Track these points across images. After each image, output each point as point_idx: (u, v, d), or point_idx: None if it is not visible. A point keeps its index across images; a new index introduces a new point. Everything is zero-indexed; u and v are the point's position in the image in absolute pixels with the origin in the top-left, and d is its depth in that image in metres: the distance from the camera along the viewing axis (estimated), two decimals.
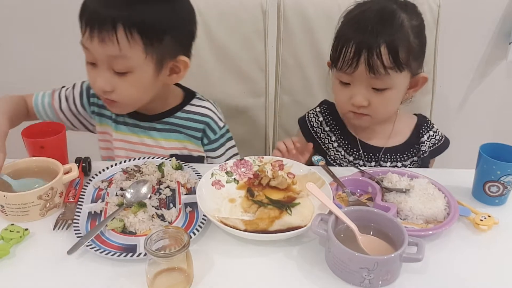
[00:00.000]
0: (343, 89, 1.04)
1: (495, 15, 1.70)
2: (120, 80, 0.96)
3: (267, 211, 0.87)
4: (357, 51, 0.96)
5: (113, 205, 0.88)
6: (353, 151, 1.13)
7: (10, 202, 0.84)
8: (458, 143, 1.92)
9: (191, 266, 0.72)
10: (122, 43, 0.91)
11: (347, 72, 1.00)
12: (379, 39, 0.96)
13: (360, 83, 1.00)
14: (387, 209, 0.85)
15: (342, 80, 1.03)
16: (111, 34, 0.90)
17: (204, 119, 1.12)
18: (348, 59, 0.98)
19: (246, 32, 1.33)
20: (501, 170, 0.89)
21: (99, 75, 0.96)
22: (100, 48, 0.91)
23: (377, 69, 0.96)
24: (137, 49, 0.93)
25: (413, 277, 0.74)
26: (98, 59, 0.94)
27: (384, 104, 1.03)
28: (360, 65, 0.97)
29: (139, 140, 1.13)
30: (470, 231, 0.86)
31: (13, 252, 0.78)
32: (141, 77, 0.97)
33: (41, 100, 1.13)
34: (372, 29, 0.96)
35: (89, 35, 0.91)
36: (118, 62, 0.94)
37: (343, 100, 1.05)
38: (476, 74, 1.82)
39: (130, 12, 0.90)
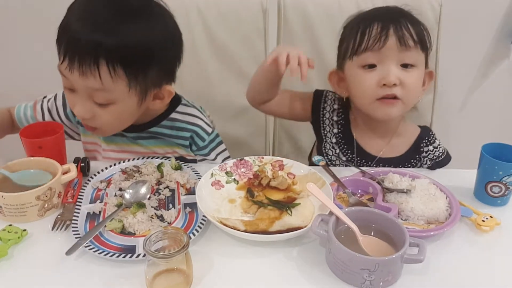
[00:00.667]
0: (368, 74, 0.99)
1: (497, 14, 1.70)
2: (101, 110, 0.91)
3: (267, 211, 0.86)
4: (385, 25, 0.97)
5: (112, 206, 0.87)
6: (348, 153, 1.12)
7: (8, 203, 0.83)
8: (459, 143, 1.92)
9: (191, 267, 0.71)
10: (104, 78, 0.85)
11: (374, 49, 0.97)
12: (403, 18, 0.98)
13: (390, 60, 0.97)
14: (388, 209, 0.84)
15: (367, 62, 0.99)
16: (93, 69, 0.83)
17: (191, 127, 1.07)
18: (376, 35, 0.96)
19: (246, 31, 1.33)
20: (503, 170, 0.89)
21: (78, 103, 0.90)
22: (80, 80, 0.86)
23: (407, 40, 0.96)
24: (120, 83, 0.88)
25: (415, 278, 0.74)
26: (77, 88, 0.89)
27: (413, 83, 1.00)
28: (390, 37, 0.96)
29: (130, 148, 1.10)
30: (472, 232, 0.86)
31: (11, 253, 0.77)
32: (123, 108, 0.93)
33: (23, 112, 1.10)
34: (393, 12, 1.00)
35: (68, 65, 0.84)
36: (100, 95, 0.88)
37: (371, 86, 0.99)
38: (478, 73, 1.82)
39: (113, 44, 0.83)
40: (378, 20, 0.98)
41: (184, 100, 1.11)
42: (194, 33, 1.34)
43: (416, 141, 1.12)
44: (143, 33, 0.86)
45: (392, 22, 0.97)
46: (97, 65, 0.83)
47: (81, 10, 0.86)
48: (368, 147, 1.12)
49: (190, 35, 1.33)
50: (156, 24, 0.89)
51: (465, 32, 1.68)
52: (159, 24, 0.90)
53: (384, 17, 0.99)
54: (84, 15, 0.85)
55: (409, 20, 0.99)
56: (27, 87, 1.18)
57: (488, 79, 1.83)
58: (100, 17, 0.84)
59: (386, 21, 0.97)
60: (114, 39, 0.83)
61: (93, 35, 0.82)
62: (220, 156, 1.13)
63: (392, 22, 0.97)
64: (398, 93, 0.98)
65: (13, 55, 1.75)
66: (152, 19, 0.88)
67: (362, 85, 1.01)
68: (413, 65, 1.00)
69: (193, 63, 1.37)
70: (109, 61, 0.83)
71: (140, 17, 0.87)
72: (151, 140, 1.09)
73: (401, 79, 0.98)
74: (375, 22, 0.98)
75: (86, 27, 0.83)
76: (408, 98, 1.01)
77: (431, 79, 1.08)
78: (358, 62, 1.00)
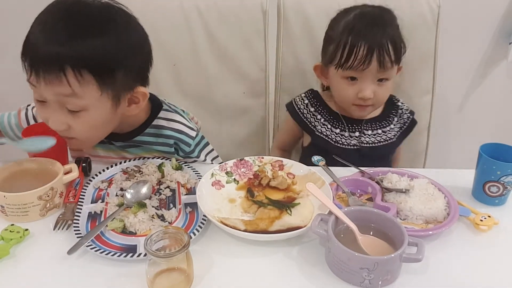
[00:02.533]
0: (350, 85, 1.13)
1: (495, 15, 1.70)
2: (74, 119, 0.88)
3: (267, 211, 0.87)
4: (370, 50, 1.07)
5: (113, 206, 0.88)
6: (339, 124, 1.23)
7: (10, 203, 0.84)
8: (458, 143, 1.93)
9: (191, 266, 0.72)
10: (72, 83, 0.83)
11: (358, 69, 1.09)
12: (385, 38, 1.08)
13: (368, 77, 1.11)
14: (387, 209, 0.85)
15: (349, 75, 1.12)
16: (60, 75, 0.82)
17: (174, 134, 1.05)
18: (361, 58, 1.07)
19: (246, 32, 1.34)
20: (501, 170, 0.89)
21: (51, 115, 0.88)
22: (50, 88, 0.84)
23: (386, 64, 1.09)
24: (91, 88, 0.85)
25: (413, 277, 0.74)
26: (48, 98, 0.86)
27: (386, 93, 1.17)
28: (373, 61, 1.08)
29: (117, 155, 1.10)
30: (470, 231, 0.86)
31: (13, 253, 0.78)
32: (97, 114, 0.90)
33: (8, 121, 1.09)
34: (377, 30, 1.08)
35: (34, 77, 0.83)
36: (71, 101, 0.86)
37: (350, 95, 1.14)
38: (476, 74, 1.82)
39: (75, 51, 0.81)
40: (365, 39, 1.07)
41: (166, 106, 1.09)
42: (194, 34, 1.34)
43: (387, 100, 1.25)
44: (103, 42, 0.84)
45: (376, 45, 1.07)
46: (63, 71, 0.81)
47: (42, 24, 0.85)
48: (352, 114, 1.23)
49: (190, 36, 1.34)
50: (117, 32, 0.87)
51: (463, 33, 1.69)
52: (121, 31, 0.88)
53: (370, 36, 1.07)
54: (44, 27, 0.84)
55: (391, 39, 1.09)
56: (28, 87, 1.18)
57: (486, 79, 1.83)
58: (60, 29, 0.83)
59: (373, 43, 1.07)
60: (75, 48, 0.82)
61: (54, 45, 0.81)
62: (209, 156, 1.13)
63: (376, 46, 1.07)
64: (370, 102, 1.16)
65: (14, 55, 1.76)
66: (113, 28, 0.87)
67: (343, 93, 1.16)
68: (388, 79, 1.14)
69: (193, 64, 1.37)
70: (74, 67, 0.82)
71: (99, 27, 0.85)
72: (138, 148, 1.08)
73: (375, 92, 1.13)
74: (362, 42, 1.07)
75: (47, 38, 0.82)
76: (379, 102, 1.19)
77: (399, 71, 1.20)
78: (342, 74, 1.13)
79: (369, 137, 1.22)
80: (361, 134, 1.22)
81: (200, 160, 1.11)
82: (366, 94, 1.11)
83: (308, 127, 1.25)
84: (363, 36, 1.07)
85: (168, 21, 1.31)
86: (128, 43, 0.89)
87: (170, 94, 1.39)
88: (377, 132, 1.24)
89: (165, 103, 1.10)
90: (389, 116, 1.27)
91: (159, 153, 1.08)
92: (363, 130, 1.22)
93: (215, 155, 1.16)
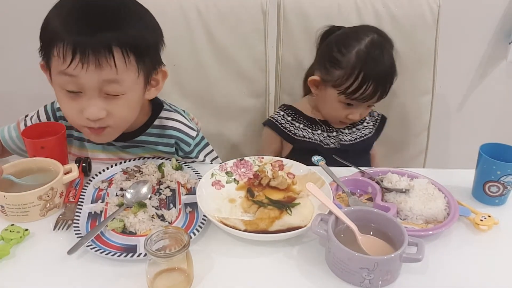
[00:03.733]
0: (345, 109, 1.21)
1: (495, 15, 1.70)
2: (112, 104, 0.91)
3: (267, 211, 0.87)
4: (375, 90, 1.15)
5: (113, 205, 0.88)
6: (317, 127, 1.29)
7: (10, 203, 0.84)
8: (458, 143, 1.93)
9: (191, 267, 0.72)
10: (119, 66, 0.86)
11: (360, 101, 1.17)
12: (389, 78, 1.17)
13: (363, 108, 1.21)
14: (387, 209, 0.85)
15: (348, 102, 1.19)
16: (109, 57, 0.84)
17: (175, 133, 1.06)
18: (367, 95, 1.15)
19: (246, 32, 1.34)
20: (501, 170, 0.89)
21: (89, 103, 0.89)
22: (95, 74, 0.85)
23: (383, 97, 1.19)
24: (131, 70, 0.89)
25: (413, 277, 0.74)
26: (87, 86, 0.87)
27: (368, 111, 1.27)
28: (374, 97, 1.17)
29: (116, 156, 1.10)
30: (470, 231, 0.86)
31: (13, 253, 0.78)
32: (133, 98, 0.94)
33: (8, 134, 1.08)
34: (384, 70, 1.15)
35: (80, 62, 0.84)
36: (113, 86, 0.88)
37: (342, 115, 1.22)
38: (476, 74, 1.82)
39: (124, 34, 0.86)
40: (374, 80, 1.13)
41: (166, 105, 1.11)
42: (194, 34, 1.34)
43: None
44: (139, 24, 0.90)
45: (381, 86, 1.15)
46: (112, 54, 0.85)
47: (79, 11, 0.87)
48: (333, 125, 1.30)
49: (190, 35, 1.34)
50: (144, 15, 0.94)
51: (463, 33, 1.69)
52: (145, 13, 0.94)
53: (379, 77, 1.14)
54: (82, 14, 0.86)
55: (391, 78, 1.17)
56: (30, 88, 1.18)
57: (486, 79, 1.83)
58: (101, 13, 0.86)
59: (379, 83, 1.14)
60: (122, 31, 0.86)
61: (101, 30, 0.84)
62: (208, 157, 1.13)
63: (381, 86, 1.15)
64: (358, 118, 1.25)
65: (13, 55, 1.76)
66: (142, 10, 0.93)
67: (334, 113, 1.24)
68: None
69: (193, 64, 1.37)
70: (122, 47, 0.86)
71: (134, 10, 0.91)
72: (138, 149, 1.08)
73: (362, 114, 1.24)
74: (371, 81, 1.13)
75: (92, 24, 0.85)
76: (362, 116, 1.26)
77: None
78: (342, 99, 1.18)
79: (346, 135, 1.29)
80: (339, 133, 1.28)
81: (199, 160, 1.11)
82: (356, 118, 1.22)
83: (288, 136, 1.27)
84: (373, 76, 1.13)
85: (168, 21, 1.31)
86: (152, 24, 0.94)
87: (170, 94, 1.39)
88: (352, 130, 1.31)
89: (165, 103, 1.11)
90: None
91: (160, 153, 1.09)
92: (340, 129, 1.29)
93: (215, 155, 1.15)
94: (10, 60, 1.77)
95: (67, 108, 0.93)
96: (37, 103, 1.13)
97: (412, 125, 1.46)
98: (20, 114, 1.12)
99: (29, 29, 0.89)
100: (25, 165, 0.94)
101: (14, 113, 1.16)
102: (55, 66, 0.87)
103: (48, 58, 0.89)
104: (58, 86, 0.90)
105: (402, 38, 1.30)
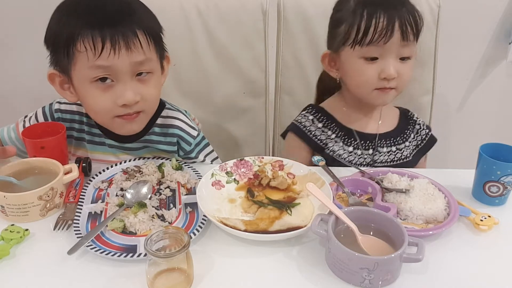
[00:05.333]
0: (369, 66, 1.02)
1: (495, 15, 1.70)
2: (143, 87, 0.95)
3: (267, 211, 0.87)
4: (390, 19, 0.98)
5: (113, 206, 0.88)
6: (351, 141, 1.15)
7: (10, 203, 0.84)
8: (458, 143, 1.93)
9: (191, 267, 0.72)
10: (145, 47, 0.92)
11: (379, 44, 0.99)
12: (404, 6, 1.00)
13: (390, 54, 1.01)
14: (387, 209, 0.85)
15: (370, 55, 1.02)
16: (136, 40, 0.90)
17: (177, 131, 1.08)
18: (382, 29, 0.97)
19: (246, 32, 1.34)
20: (501, 170, 0.89)
21: (126, 88, 0.92)
22: (127, 57, 0.89)
23: (408, 36, 1.00)
24: (153, 51, 0.95)
25: (413, 277, 0.74)
26: (120, 72, 0.91)
27: (408, 74, 1.06)
28: (395, 32, 0.98)
29: (117, 158, 1.10)
30: (470, 231, 0.86)
31: (13, 253, 0.78)
32: (158, 77, 0.99)
33: (8, 135, 1.10)
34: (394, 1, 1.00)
35: (111, 49, 0.88)
36: (143, 66, 0.93)
37: (371, 77, 1.03)
38: (476, 74, 1.82)
39: (144, 19, 0.93)
40: (383, 9, 0.98)
41: (168, 104, 1.12)
42: (194, 34, 1.34)
43: (401, 114, 1.22)
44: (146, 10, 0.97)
45: (396, 13, 0.98)
46: (138, 36, 0.90)
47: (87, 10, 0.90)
48: (365, 129, 1.16)
49: (190, 36, 1.34)
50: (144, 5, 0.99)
51: (463, 33, 1.69)
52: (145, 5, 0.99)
53: (389, 6, 0.99)
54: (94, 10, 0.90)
55: (409, 10, 1.00)
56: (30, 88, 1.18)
57: (486, 79, 1.83)
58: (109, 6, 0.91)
59: (391, 11, 0.98)
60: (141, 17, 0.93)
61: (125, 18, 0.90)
62: (209, 158, 1.13)
63: (396, 14, 0.98)
64: (394, 85, 1.04)
65: (14, 55, 1.76)
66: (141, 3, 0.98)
67: (362, 76, 1.04)
68: (409, 57, 1.04)
69: (193, 64, 1.37)
70: (144, 30, 0.91)
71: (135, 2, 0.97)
72: (140, 151, 1.09)
73: (399, 72, 1.03)
74: (380, 12, 0.98)
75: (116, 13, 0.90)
76: (402, 87, 1.07)
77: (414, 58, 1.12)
78: (360, 53, 1.02)
79: (383, 155, 1.14)
80: (375, 152, 1.13)
81: (199, 161, 1.11)
82: (390, 72, 1.00)
83: (318, 146, 1.14)
84: (381, 5, 0.98)
85: (168, 21, 1.30)
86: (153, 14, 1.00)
87: (170, 94, 1.39)
88: (391, 149, 1.15)
89: (167, 103, 1.12)
90: (404, 132, 1.19)
91: (161, 153, 1.09)
92: (377, 147, 1.14)
93: (215, 156, 1.15)
94: (10, 60, 1.77)
95: (99, 102, 0.94)
96: (37, 103, 1.14)
97: None
98: (20, 115, 1.12)
99: (29, 29, 0.89)
100: (25, 165, 0.94)
101: (14, 113, 1.16)
102: (83, 62, 0.89)
103: (68, 58, 0.90)
104: (87, 81, 0.92)
105: None
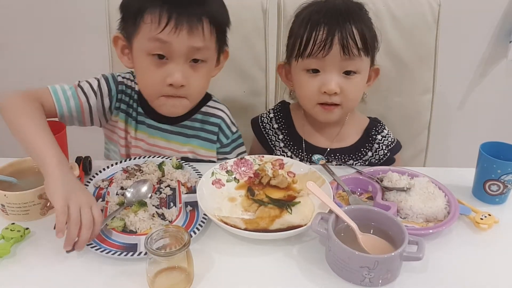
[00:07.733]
0: (311, 79, 1.01)
1: (495, 14, 1.70)
2: (194, 74, 0.97)
3: (268, 210, 0.87)
4: (330, 32, 0.96)
5: (114, 204, 0.88)
6: (299, 152, 1.14)
7: (10, 202, 0.84)
8: (458, 141, 1.93)
9: (192, 265, 0.72)
10: (206, 35, 0.94)
11: (318, 56, 0.97)
12: (349, 22, 0.97)
13: (332, 67, 0.98)
14: (387, 208, 0.85)
15: (310, 67, 1.00)
16: (199, 26, 0.92)
17: (219, 121, 1.12)
18: (321, 41, 0.96)
19: (246, 31, 1.33)
20: (501, 169, 0.89)
21: (177, 69, 0.95)
22: (186, 39, 0.92)
23: (351, 49, 0.96)
24: (213, 41, 0.97)
25: (414, 275, 0.74)
26: (176, 52, 0.94)
27: (354, 91, 1.02)
28: (334, 46, 0.96)
29: (153, 142, 1.11)
30: (471, 230, 0.86)
31: (13, 251, 0.78)
32: (209, 69, 1.02)
33: (66, 104, 1.01)
34: (340, 14, 0.98)
35: (174, 27, 0.91)
36: (200, 53, 0.96)
37: (313, 91, 1.01)
38: (476, 73, 1.82)
39: (208, 7, 0.95)
40: (325, 23, 0.97)
41: (215, 98, 1.17)
42: None
43: (366, 131, 1.15)
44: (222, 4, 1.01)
45: (338, 27, 0.96)
46: (202, 23, 0.93)
47: None
48: (317, 141, 1.14)
49: None
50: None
51: (464, 32, 1.69)
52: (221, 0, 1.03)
53: (331, 20, 0.97)
54: None
55: (356, 24, 0.97)
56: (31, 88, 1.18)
57: (486, 78, 1.83)
58: None
59: (333, 25, 0.96)
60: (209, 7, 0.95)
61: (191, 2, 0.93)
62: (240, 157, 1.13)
63: (338, 28, 0.96)
64: (337, 101, 1.01)
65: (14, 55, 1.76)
66: None
67: (304, 89, 1.04)
68: (356, 72, 1.00)
69: None
70: (210, 19, 0.94)
71: None
72: (180, 136, 1.11)
73: (342, 87, 1.00)
74: (321, 26, 0.97)
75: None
76: (348, 103, 1.04)
77: (377, 75, 1.10)
78: (302, 66, 1.02)
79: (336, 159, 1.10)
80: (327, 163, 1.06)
81: (231, 157, 1.12)
82: (330, 87, 0.98)
83: (269, 146, 1.17)
84: (323, 19, 0.97)
85: None
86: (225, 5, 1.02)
87: None
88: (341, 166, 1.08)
89: (214, 97, 1.17)
90: (360, 150, 1.13)
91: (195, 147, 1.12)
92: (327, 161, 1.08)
93: None
94: (10, 60, 1.77)
95: (150, 75, 0.97)
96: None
97: (412, 124, 1.45)
98: None
99: (30, 29, 0.89)
100: (25, 164, 0.94)
101: None
102: (145, 33, 0.93)
103: (134, 27, 0.94)
104: (144, 53, 0.95)
105: (402, 37, 1.30)
